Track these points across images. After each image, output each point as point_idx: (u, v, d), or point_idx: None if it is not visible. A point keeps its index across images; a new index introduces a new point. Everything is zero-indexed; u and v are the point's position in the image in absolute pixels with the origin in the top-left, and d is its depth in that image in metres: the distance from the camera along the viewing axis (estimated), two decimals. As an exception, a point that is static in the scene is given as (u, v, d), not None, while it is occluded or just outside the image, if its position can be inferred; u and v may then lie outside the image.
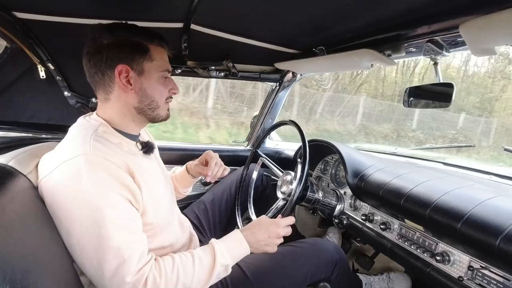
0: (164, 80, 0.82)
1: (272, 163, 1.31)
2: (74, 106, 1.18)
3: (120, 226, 0.66)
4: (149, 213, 0.76)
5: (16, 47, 0.96)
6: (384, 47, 0.95)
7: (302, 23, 0.92)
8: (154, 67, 0.79)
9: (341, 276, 1.01)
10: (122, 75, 0.75)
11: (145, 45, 0.77)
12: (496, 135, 9.27)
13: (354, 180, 1.20)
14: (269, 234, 0.87)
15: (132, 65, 0.76)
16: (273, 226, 0.88)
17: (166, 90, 0.83)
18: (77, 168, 0.65)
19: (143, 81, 0.78)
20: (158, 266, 0.71)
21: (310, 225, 1.74)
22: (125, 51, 0.75)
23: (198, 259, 0.76)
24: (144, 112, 0.81)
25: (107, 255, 0.65)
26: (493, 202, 0.82)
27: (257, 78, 1.51)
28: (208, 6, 0.82)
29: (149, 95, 0.79)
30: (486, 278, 0.78)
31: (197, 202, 1.28)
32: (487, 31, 0.63)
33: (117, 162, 0.70)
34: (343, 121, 8.38)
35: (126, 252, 0.66)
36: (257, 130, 1.72)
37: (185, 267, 0.74)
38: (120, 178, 0.69)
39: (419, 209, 0.91)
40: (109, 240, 0.65)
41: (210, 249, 0.80)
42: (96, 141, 0.71)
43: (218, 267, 0.77)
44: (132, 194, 0.71)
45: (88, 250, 0.65)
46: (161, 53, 0.81)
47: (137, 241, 0.70)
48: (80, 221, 0.65)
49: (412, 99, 1.05)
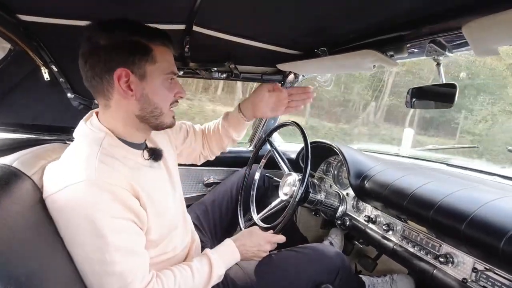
0: (169, 84, 0.76)
1: (282, 157, 1.29)
2: (78, 108, 1.19)
3: (123, 251, 0.66)
4: (153, 231, 0.75)
5: (19, 49, 0.96)
6: (387, 48, 0.94)
7: (304, 24, 0.92)
8: (157, 70, 0.72)
9: (344, 281, 1.01)
10: (122, 80, 0.68)
11: (146, 45, 0.70)
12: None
13: (357, 181, 1.20)
14: (258, 248, 0.95)
15: (133, 69, 0.68)
16: (263, 242, 0.95)
17: (171, 94, 0.76)
18: (81, 194, 0.63)
19: (145, 86, 0.71)
20: (161, 283, 0.72)
21: (312, 226, 1.73)
22: (124, 52, 0.67)
23: (197, 272, 0.79)
24: (146, 120, 0.75)
25: (110, 279, 0.65)
26: (497, 203, 0.81)
27: (259, 79, 1.51)
28: (210, 8, 0.82)
29: (152, 101, 0.73)
30: (491, 280, 0.77)
31: (198, 203, 1.28)
32: (490, 32, 0.63)
33: (122, 185, 0.67)
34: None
35: (129, 276, 0.66)
36: (259, 132, 1.72)
37: (185, 282, 0.76)
38: (124, 202, 0.67)
39: (423, 210, 0.90)
40: (112, 266, 0.64)
41: (207, 261, 0.83)
42: (101, 161, 0.67)
43: (215, 278, 0.81)
44: (137, 216, 0.70)
45: (89, 274, 0.65)
46: (165, 54, 0.74)
47: (140, 262, 0.70)
48: (83, 246, 0.64)
49: (415, 100, 1.04)
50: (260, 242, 0.95)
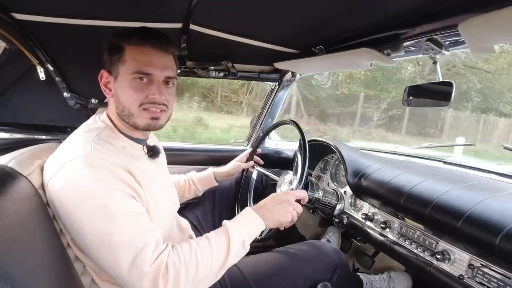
0: (138, 84, 0.73)
1: (267, 170, 1.31)
2: (74, 107, 1.18)
3: (129, 219, 0.66)
4: (151, 216, 0.75)
5: (15, 48, 0.95)
6: (384, 46, 0.95)
7: (301, 22, 0.92)
8: (126, 70, 0.73)
9: (341, 278, 1.01)
10: (103, 80, 0.75)
11: (120, 45, 0.72)
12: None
13: (354, 179, 1.20)
14: (281, 203, 0.86)
15: (110, 69, 0.74)
16: (284, 196, 0.88)
17: (140, 95, 0.74)
18: (80, 168, 0.65)
19: (116, 86, 0.74)
20: (176, 251, 0.70)
21: (310, 224, 1.73)
22: (106, 54, 0.74)
23: (214, 240, 0.75)
24: (123, 119, 0.77)
25: (121, 249, 0.64)
26: (493, 201, 0.82)
27: (256, 78, 1.51)
28: (207, 6, 0.82)
29: (120, 101, 0.75)
30: (487, 276, 0.78)
31: (197, 202, 1.28)
32: (486, 30, 0.63)
33: (117, 162, 0.69)
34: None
35: (140, 243, 0.65)
36: (256, 130, 1.72)
37: (202, 249, 0.72)
38: (121, 177, 0.68)
39: (419, 208, 0.91)
40: (121, 235, 0.64)
41: (223, 229, 0.79)
42: (97, 143, 0.70)
43: (234, 243, 0.75)
44: (135, 191, 0.70)
45: (102, 248, 0.65)
46: (138, 53, 0.73)
47: (150, 231, 0.69)
48: (89, 221, 0.64)
49: (412, 98, 1.05)
50: (280, 197, 0.87)
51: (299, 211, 0.89)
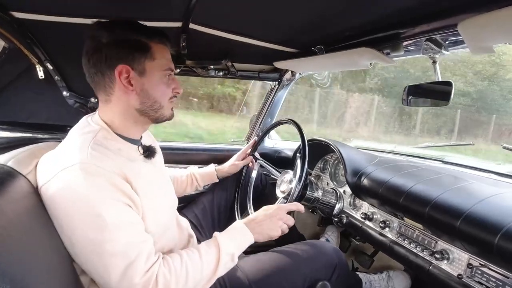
0: (167, 80, 0.80)
1: (269, 164, 1.31)
2: (73, 106, 1.18)
3: (123, 229, 0.66)
4: (148, 221, 0.75)
5: (14, 47, 0.95)
6: (383, 46, 0.95)
7: (301, 22, 0.92)
8: (156, 67, 0.76)
9: (340, 278, 1.01)
10: (123, 75, 0.72)
11: (145, 43, 0.74)
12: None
13: (354, 178, 1.20)
14: (270, 218, 0.88)
15: (133, 65, 0.73)
16: (274, 210, 0.90)
17: (169, 89, 0.80)
18: (75, 176, 0.64)
19: (144, 81, 0.75)
20: (167, 263, 0.71)
21: (309, 224, 1.74)
22: (125, 50, 0.72)
23: (205, 252, 0.77)
24: (146, 113, 0.79)
25: (113, 259, 0.64)
26: (492, 200, 0.82)
27: (256, 77, 1.51)
28: (207, 5, 0.82)
29: (151, 96, 0.77)
30: (486, 275, 0.78)
31: (196, 201, 1.28)
32: (485, 29, 0.63)
33: (113, 169, 0.68)
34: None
35: (132, 253, 0.65)
36: (256, 129, 1.72)
37: (192, 261, 0.74)
38: (117, 185, 0.67)
39: (418, 207, 0.91)
40: (114, 243, 0.64)
41: (214, 241, 0.80)
42: (94, 149, 0.69)
43: (224, 256, 0.77)
44: (131, 199, 0.70)
45: (92, 257, 0.65)
46: (163, 51, 0.78)
47: (143, 241, 0.69)
48: (81, 229, 0.64)
49: (411, 98, 1.05)
50: (271, 212, 0.89)
51: (290, 223, 0.91)
